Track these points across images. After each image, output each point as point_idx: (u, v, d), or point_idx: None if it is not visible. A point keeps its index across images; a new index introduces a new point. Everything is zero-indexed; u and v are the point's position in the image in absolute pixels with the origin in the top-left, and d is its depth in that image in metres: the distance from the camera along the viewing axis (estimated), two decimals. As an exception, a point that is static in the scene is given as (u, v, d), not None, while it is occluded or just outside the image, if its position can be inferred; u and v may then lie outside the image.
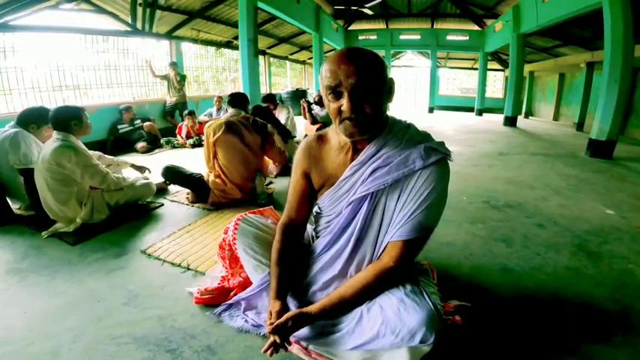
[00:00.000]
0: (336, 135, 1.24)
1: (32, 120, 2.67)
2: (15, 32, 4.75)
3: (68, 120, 2.31)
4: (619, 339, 1.38)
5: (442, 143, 1.14)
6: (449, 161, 1.13)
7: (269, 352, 1.05)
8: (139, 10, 5.93)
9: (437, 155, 1.09)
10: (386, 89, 1.08)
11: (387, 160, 1.12)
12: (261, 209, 1.63)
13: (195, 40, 7.99)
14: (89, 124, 2.43)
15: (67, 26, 5.50)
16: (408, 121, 1.22)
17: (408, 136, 1.15)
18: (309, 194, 1.31)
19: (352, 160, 1.18)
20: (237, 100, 3.04)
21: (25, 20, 4.80)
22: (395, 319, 1.02)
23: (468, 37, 12.89)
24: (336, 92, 1.04)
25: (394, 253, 1.11)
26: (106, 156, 2.84)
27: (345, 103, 1.03)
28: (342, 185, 1.20)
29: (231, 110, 2.98)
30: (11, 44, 4.78)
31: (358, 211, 1.17)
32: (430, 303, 1.05)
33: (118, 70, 6.50)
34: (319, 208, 1.32)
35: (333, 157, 1.24)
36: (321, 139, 1.28)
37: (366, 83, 1.01)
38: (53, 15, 5.18)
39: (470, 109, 13.81)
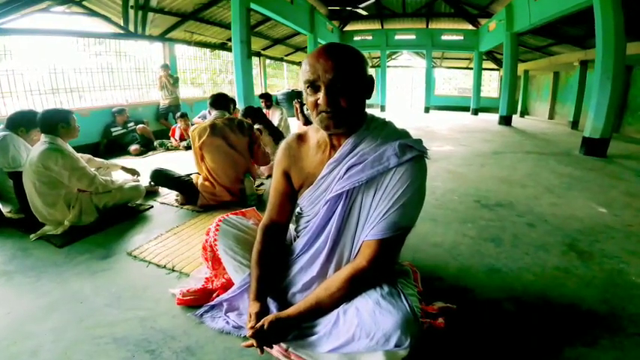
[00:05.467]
0: (316, 133, 1.24)
1: (21, 123, 2.67)
2: (7, 35, 4.74)
3: (55, 123, 2.30)
4: (606, 341, 1.35)
5: (419, 141, 1.12)
6: (426, 159, 1.12)
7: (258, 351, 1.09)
8: (131, 12, 5.92)
9: (412, 152, 1.08)
10: (364, 85, 1.08)
11: (362, 158, 1.11)
12: (243, 210, 1.63)
13: (188, 42, 7.98)
14: (77, 127, 2.43)
15: (59, 29, 5.49)
16: (386, 119, 1.20)
17: (385, 133, 1.14)
18: (290, 194, 1.30)
19: (329, 158, 1.17)
20: (218, 101, 2.93)
21: (17, 23, 4.78)
22: (370, 322, 0.99)
23: (462, 37, 12.93)
24: (314, 86, 1.06)
25: (368, 252, 1.08)
26: (96, 159, 2.83)
27: (321, 97, 1.03)
28: (320, 184, 1.19)
29: (214, 112, 2.89)
30: (5, 48, 4.77)
31: (335, 210, 1.16)
32: (407, 305, 1.02)
33: (113, 72, 6.49)
34: (300, 208, 1.30)
35: (311, 156, 1.22)
36: (300, 139, 1.28)
37: (343, 78, 1.01)
38: (45, 18, 5.16)
39: (466, 109, 13.82)
